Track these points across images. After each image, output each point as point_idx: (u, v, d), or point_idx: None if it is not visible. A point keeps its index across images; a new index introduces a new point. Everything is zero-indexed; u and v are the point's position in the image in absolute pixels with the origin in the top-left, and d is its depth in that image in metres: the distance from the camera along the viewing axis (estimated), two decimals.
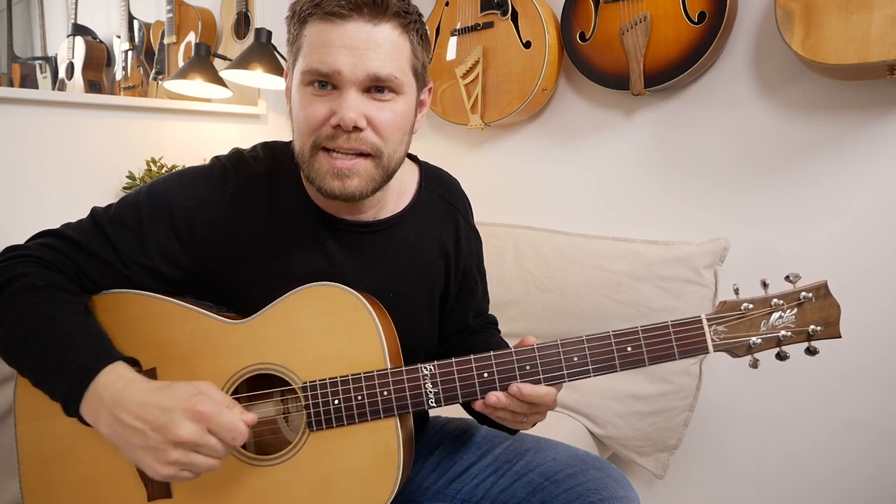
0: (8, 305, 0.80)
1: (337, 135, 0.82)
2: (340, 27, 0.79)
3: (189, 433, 0.70)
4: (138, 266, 0.87)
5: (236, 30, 2.04)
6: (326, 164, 0.83)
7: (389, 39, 0.81)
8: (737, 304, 0.81)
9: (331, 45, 0.79)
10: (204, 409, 0.71)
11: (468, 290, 1.07)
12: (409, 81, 0.85)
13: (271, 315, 0.86)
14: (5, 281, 0.81)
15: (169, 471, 0.71)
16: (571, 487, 0.92)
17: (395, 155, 0.87)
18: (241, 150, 0.96)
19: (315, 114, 0.82)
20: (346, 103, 0.80)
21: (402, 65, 0.83)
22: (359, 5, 0.78)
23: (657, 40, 1.57)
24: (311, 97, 0.82)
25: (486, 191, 2.04)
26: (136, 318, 0.84)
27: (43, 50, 1.68)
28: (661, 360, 0.81)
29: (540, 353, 0.83)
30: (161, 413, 0.71)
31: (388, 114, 0.83)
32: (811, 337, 0.81)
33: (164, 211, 0.88)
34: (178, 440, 0.70)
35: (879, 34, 1.22)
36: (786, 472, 1.62)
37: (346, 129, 0.80)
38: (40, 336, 0.78)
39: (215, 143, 2.01)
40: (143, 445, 0.71)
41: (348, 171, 0.83)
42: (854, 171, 1.47)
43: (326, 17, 0.79)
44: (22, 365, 0.80)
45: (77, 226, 0.89)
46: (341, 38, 0.79)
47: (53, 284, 0.82)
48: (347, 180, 0.83)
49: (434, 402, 0.84)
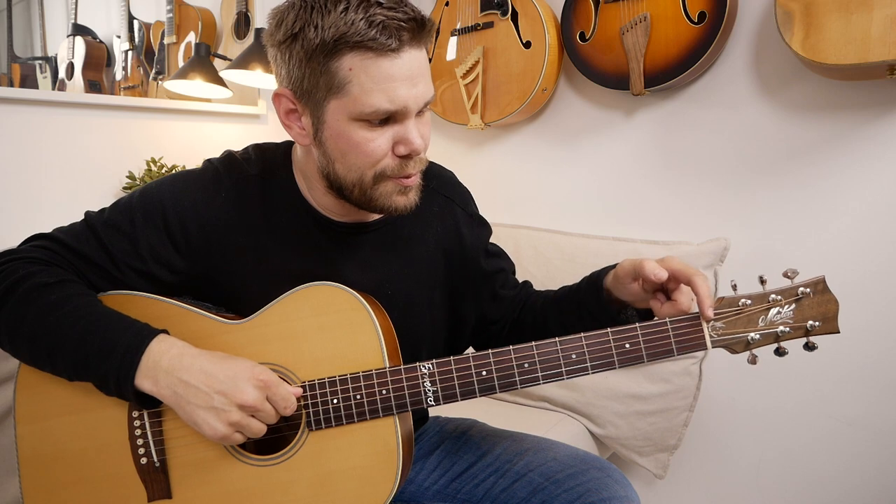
0: (25, 307, 0.80)
1: (404, 164, 0.83)
2: (398, 59, 0.76)
3: (253, 398, 0.77)
4: (132, 270, 0.87)
5: (236, 30, 2.04)
6: (392, 185, 0.85)
7: (426, 58, 0.82)
8: (734, 300, 0.81)
9: (393, 79, 0.77)
10: (267, 379, 0.78)
11: (486, 274, 1.06)
12: None
13: (270, 315, 0.86)
14: (12, 283, 0.81)
15: (227, 431, 0.77)
16: (572, 487, 0.92)
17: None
18: (232, 153, 0.95)
19: (380, 148, 0.81)
20: (413, 133, 0.81)
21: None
22: (409, 33, 0.76)
23: (657, 40, 1.58)
24: (370, 132, 0.80)
25: (486, 191, 2.04)
26: (138, 318, 0.84)
27: (43, 50, 1.68)
28: (660, 356, 0.81)
29: (538, 351, 0.82)
30: (227, 379, 0.77)
31: (428, 127, 0.86)
32: (809, 332, 0.80)
33: (158, 215, 0.88)
34: (242, 403, 0.77)
35: (879, 34, 1.22)
36: (785, 472, 1.62)
37: (416, 155, 0.83)
38: (73, 327, 0.79)
39: (215, 144, 2.01)
40: (206, 406, 0.77)
41: (409, 187, 0.86)
42: (854, 170, 1.47)
43: (380, 51, 0.75)
44: (56, 359, 0.80)
45: (70, 229, 0.89)
46: (401, 71, 0.77)
47: (63, 279, 0.83)
48: (411, 194, 0.87)
49: (433, 401, 0.83)
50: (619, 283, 0.89)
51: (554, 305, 1.02)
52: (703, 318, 0.80)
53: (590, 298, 0.94)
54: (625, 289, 0.88)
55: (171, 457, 0.85)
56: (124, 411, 0.85)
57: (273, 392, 0.79)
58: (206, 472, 0.85)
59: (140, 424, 0.85)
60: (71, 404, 0.85)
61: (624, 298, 0.91)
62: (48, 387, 0.85)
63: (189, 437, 0.85)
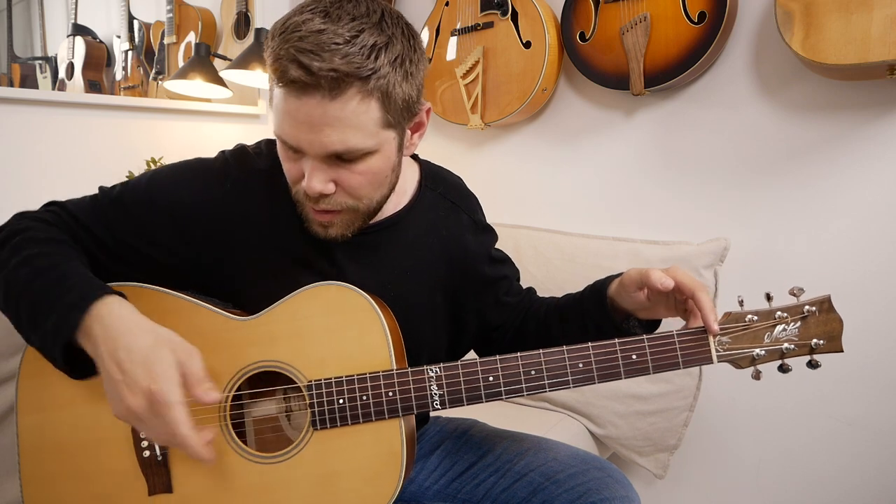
0: (6, 254, 0.83)
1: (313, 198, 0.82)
2: (298, 100, 0.75)
3: (136, 405, 0.72)
4: (131, 248, 0.89)
5: (236, 30, 2.04)
6: (310, 213, 0.85)
7: (348, 109, 0.75)
8: (742, 315, 0.82)
9: (291, 116, 0.77)
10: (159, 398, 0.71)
11: (489, 281, 1.05)
12: (380, 140, 0.80)
13: (278, 313, 0.86)
14: (11, 233, 0.85)
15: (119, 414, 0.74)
16: (572, 487, 0.92)
17: (376, 198, 0.86)
18: (245, 146, 0.96)
19: (291, 172, 0.84)
20: (310, 174, 0.79)
21: (367, 129, 0.78)
22: (317, 80, 0.73)
23: (657, 40, 1.58)
24: (286, 153, 0.83)
25: (485, 191, 2.02)
26: (145, 311, 0.84)
27: (43, 50, 1.68)
28: (665, 368, 0.82)
29: (546, 359, 0.83)
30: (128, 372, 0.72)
31: (359, 175, 0.81)
32: (814, 350, 0.81)
33: (164, 200, 0.89)
34: (127, 406, 0.72)
35: (879, 34, 1.22)
36: (785, 472, 1.62)
37: (312, 197, 0.81)
38: (36, 280, 0.79)
39: (215, 143, 2.01)
40: (108, 379, 0.74)
41: (327, 222, 0.85)
42: (854, 170, 1.47)
43: (287, 85, 0.74)
44: (20, 313, 0.80)
45: (80, 200, 0.92)
46: (298, 113, 0.76)
47: (53, 238, 0.85)
48: (329, 229, 0.86)
49: (439, 405, 0.84)
50: (624, 291, 0.89)
51: (557, 313, 1.02)
52: (710, 332, 0.81)
53: (593, 307, 0.95)
54: (629, 297, 0.89)
55: (173, 451, 0.85)
56: None
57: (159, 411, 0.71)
58: (208, 467, 0.84)
59: None
60: (74, 396, 0.86)
61: (627, 307, 0.91)
62: (51, 378, 0.85)
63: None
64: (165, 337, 0.76)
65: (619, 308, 0.92)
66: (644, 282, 0.84)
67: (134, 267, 0.90)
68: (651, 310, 0.89)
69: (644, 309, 0.90)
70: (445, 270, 1.01)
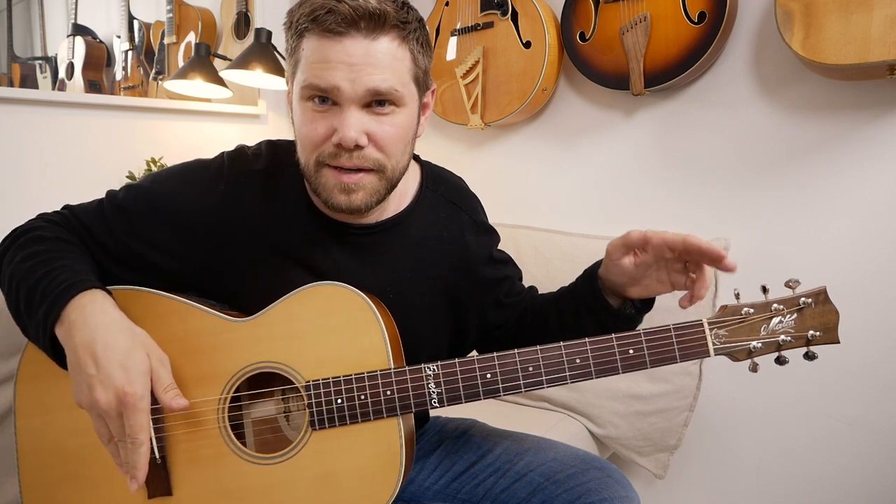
0: (15, 251, 0.85)
1: (339, 153, 0.82)
2: (338, 43, 0.77)
3: (103, 402, 0.73)
4: (131, 252, 0.90)
5: (236, 30, 2.04)
6: (333, 178, 0.84)
7: (389, 52, 0.79)
8: (738, 308, 0.82)
9: (328, 61, 0.78)
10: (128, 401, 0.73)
11: (490, 282, 1.05)
12: (410, 92, 0.84)
13: (275, 313, 0.86)
14: (22, 231, 0.88)
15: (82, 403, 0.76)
16: (572, 487, 0.92)
17: (399, 166, 0.87)
18: (244, 147, 0.97)
19: (317, 131, 0.82)
20: (347, 122, 0.80)
21: (402, 77, 0.82)
22: (355, 20, 0.77)
23: (657, 40, 1.58)
24: (312, 113, 0.82)
25: (485, 191, 2.02)
26: (142, 314, 0.84)
27: (43, 50, 1.68)
28: (663, 362, 0.82)
29: (543, 356, 0.83)
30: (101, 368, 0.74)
31: (390, 127, 0.83)
32: (810, 342, 0.81)
33: (164, 205, 0.90)
34: (93, 400, 0.74)
35: (879, 34, 1.22)
36: (785, 472, 1.62)
37: (347, 147, 0.81)
38: (36, 274, 0.81)
39: (215, 143, 2.01)
40: (78, 370, 0.75)
41: (354, 185, 0.84)
42: (854, 171, 1.47)
43: (324, 33, 0.77)
44: (19, 305, 0.82)
45: (87, 205, 0.94)
46: (339, 55, 0.78)
47: (59, 237, 0.87)
48: (353, 194, 0.84)
49: (437, 403, 0.84)
50: (610, 262, 0.90)
51: (553, 305, 1.02)
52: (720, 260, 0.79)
53: (586, 291, 0.95)
54: (617, 268, 0.89)
55: (172, 453, 0.85)
56: None
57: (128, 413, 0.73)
58: (207, 469, 0.85)
59: None
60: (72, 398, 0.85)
61: (618, 281, 0.91)
62: (50, 381, 0.85)
63: (191, 433, 0.85)
64: (141, 339, 0.79)
65: (613, 287, 0.93)
66: (625, 241, 0.86)
67: (137, 271, 0.90)
68: (642, 283, 0.89)
69: (634, 282, 0.89)
70: (447, 271, 1.01)
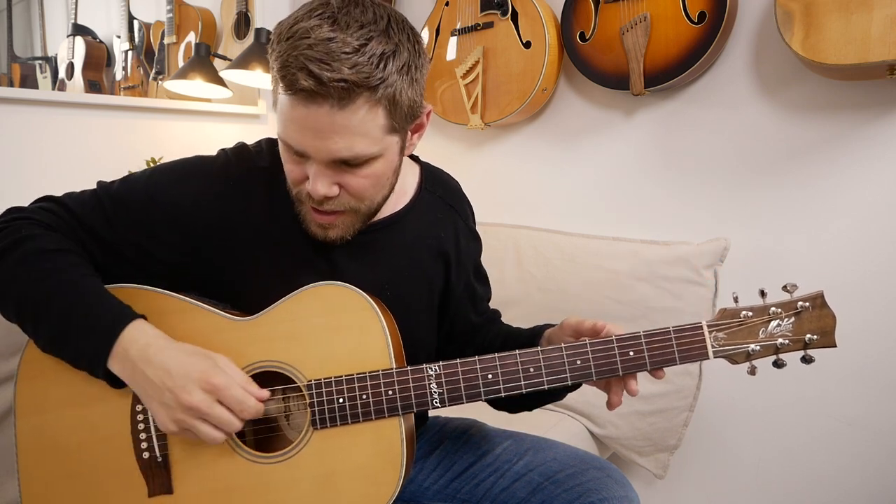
0: (19, 268, 0.82)
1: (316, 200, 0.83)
2: (305, 108, 0.75)
3: (197, 400, 0.76)
4: (132, 245, 0.88)
5: (236, 30, 2.04)
6: (309, 214, 0.86)
7: (357, 117, 0.76)
8: (736, 311, 0.83)
9: (297, 122, 0.77)
10: (216, 382, 0.77)
11: (470, 291, 1.08)
12: (384, 144, 0.81)
13: (277, 313, 0.86)
14: (12, 242, 0.83)
15: (172, 428, 0.78)
16: (572, 487, 0.93)
17: (377, 199, 0.88)
18: (245, 144, 0.96)
19: (294, 173, 0.84)
20: (316, 178, 0.80)
21: (373, 135, 0.79)
22: (327, 89, 0.73)
23: (657, 40, 1.58)
24: (288, 155, 0.83)
25: (486, 191, 2.04)
26: (144, 312, 0.84)
27: (43, 50, 1.69)
28: (662, 364, 0.83)
29: (544, 357, 0.84)
30: (178, 377, 0.77)
31: (363, 179, 0.82)
32: (807, 345, 0.82)
33: (164, 197, 0.89)
34: (187, 405, 0.76)
35: (879, 34, 1.22)
36: (785, 472, 1.62)
37: (317, 199, 0.82)
38: (60, 299, 0.80)
39: (215, 143, 1.99)
40: (158, 400, 0.78)
41: (329, 224, 0.86)
42: (854, 171, 1.47)
43: (296, 92, 0.74)
44: (39, 328, 0.82)
45: (79, 196, 0.91)
46: (306, 120, 0.76)
47: (62, 248, 0.84)
48: (329, 230, 0.87)
49: (438, 403, 0.84)
50: (561, 331, 0.93)
51: (501, 339, 1.06)
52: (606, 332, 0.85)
53: (527, 339, 1.00)
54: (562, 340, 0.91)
55: (173, 451, 0.85)
56: (127, 405, 0.85)
57: (224, 395, 0.77)
58: (208, 467, 0.85)
59: (143, 419, 0.85)
60: (72, 397, 0.85)
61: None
62: (49, 379, 0.85)
63: None
64: (191, 348, 0.81)
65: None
66: (577, 327, 0.88)
67: (132, 265, 0.89)
68: None
69: None
70: (441, 272, 1.02)
